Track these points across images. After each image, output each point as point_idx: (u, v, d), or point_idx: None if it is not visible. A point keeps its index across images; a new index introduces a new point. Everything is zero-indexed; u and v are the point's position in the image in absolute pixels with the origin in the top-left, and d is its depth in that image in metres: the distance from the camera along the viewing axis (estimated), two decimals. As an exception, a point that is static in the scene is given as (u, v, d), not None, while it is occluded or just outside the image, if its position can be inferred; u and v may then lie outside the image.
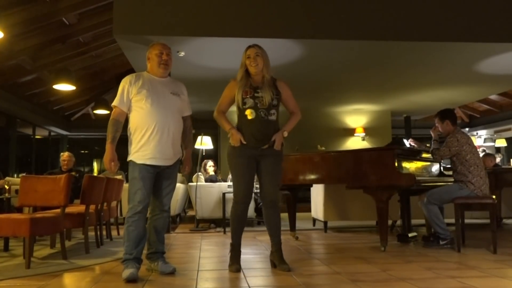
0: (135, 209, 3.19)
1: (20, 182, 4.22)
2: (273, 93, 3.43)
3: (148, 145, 3.21)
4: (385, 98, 10.15)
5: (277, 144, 3.40)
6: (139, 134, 3.23)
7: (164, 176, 3.35)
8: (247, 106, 3.38)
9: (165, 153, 3.28)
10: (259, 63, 3.44)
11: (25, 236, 3.67)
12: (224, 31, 5.78)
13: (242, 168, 3.40)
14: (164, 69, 3.38)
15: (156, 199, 3.38)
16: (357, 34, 5.96)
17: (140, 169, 3.20)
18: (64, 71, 7.75)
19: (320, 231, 6.10)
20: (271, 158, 3.42)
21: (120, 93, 3.29)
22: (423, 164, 4.99)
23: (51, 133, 13.03)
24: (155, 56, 3.37)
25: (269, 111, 3.40)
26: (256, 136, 3.37)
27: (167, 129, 3.27)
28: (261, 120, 3.37)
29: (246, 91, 3.40)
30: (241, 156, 3.39)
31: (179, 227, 6.78)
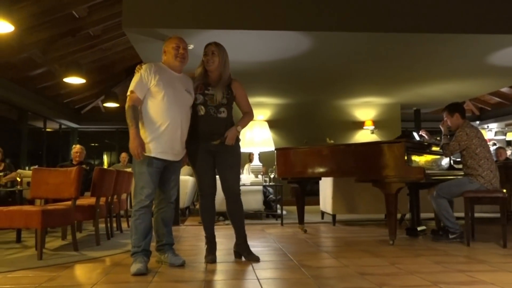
0: (142, 203, 3.21)
1: (31, 174, 4.27)
2: (224, 92, 3.48)
3: (161, 140, 3.22)
4: (394, 91, 10.08)
5: (229, 139, 3.45)
6: (152, 127, 3.23)
7: (170, 170, 3.37)
8: (197, 103, 3.44)
9: (175, 149, 3.31)
10: (215, 61, 3.48)
11: (37, 228, 3.71)
12: (233, 23, 5.77)
13: (200, 162, 3.47)
14: (180, 62, 3.38)
15: (163, 192, 3.40)
16: (366, 26, 5.91)
17: (148, 163, 3.21)
18: (74, 64, 7.80)
19: (328, 224, 6.10)
20: (226, 153, 3.48)
21: (138, 79, 3.25)
22: (433, 157, 4.96)
23: (61, 126, 13.13)
24: (172, 49, 3.37)
25: (218, 108, 3.45)
26: (205, 131, 3.43)
27: (180, 127, 3.29)
28: (210, 117, 3.43)
29: (197, 86, 3.47)
30: (198, 152, 3.46)
31: (188, 220, 6.82)
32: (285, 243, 4.52)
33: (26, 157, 10.85)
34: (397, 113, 11.62)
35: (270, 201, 7.22)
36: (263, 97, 10.49)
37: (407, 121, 12.23)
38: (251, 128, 7.45)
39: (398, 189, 4.25)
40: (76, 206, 4.18)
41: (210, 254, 3.52)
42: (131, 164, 3.48)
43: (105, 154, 15.53)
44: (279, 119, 11.22)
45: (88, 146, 14.69)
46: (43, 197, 4.39)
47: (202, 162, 3.47)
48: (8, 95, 9.19)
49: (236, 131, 3.48)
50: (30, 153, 11.47)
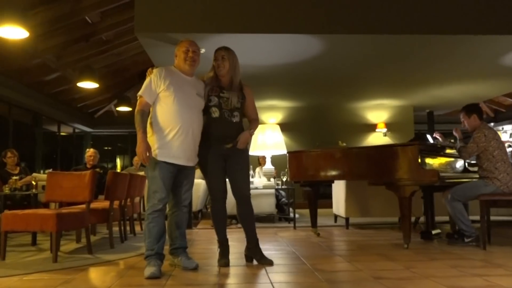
0: (155, 207, 3.22)
1: (46, 178, 4.31)
2: (239, 96, 3.50)
3: (172, 144, 3.23)
4: (407, 93, 10.00)
5: (241, 143, 3.46)
6: (163, 132, 3.24)
7: (184, 174, 3.38)
8: (212, 104, 3.44)
9: (188, 153, 3.32)
10: (225, 65, 3.49)
11: (52, 231, 3.75)
12: (244, 27, 5.78)
13: (212, 166, 3.47)
14: (190, 65, 3.39)
15: (176, 196, 3.41)
16: (377, 28, 5.88)
17: (161, 168, 3.22)
18: (87, 69, 7.87)
19: (341, 228, 6.07)
20: (236, 156, 3.49)
21: (148, 84, 3.29)
22: (447, 160, 4.91)
23: (75, 130, 13.26)
24: (182, 53, 3.39)
25: (232, 112, 3.46)
26: (218, 135, 3.44)
27: (191, 131, 3.30)
28: (225, 120, 3.44)
29: (212, 88, 3.48)
30: (209, 156, 3.46)
31: (200, 223, 6.83)
32: (298, 246, 4.50)
33: (40, 160, 10.98)
34: (410, 116, 11.53)
35: (283, 204, 7.21)
36: (274, 100, 10.48)
37: (420, 124, 12.13)
38: (263, 131, 7.45)
39: (412, 192, 4.21)
40: (90, 209, 4.21)
41: (223, 257, 3.52)
42: (144, 167, 3.50)
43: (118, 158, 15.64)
44: (291, 122, 11.20)
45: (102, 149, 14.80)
46: (57, 200, 4.43)
47: (213, 166, 3.47)
48: (23, 99, 9.32)
49: (249, 135, 3.50)
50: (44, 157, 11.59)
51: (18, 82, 8.88)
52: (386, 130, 11.37)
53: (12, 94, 8.84)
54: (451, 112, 12.33)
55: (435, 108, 11.97)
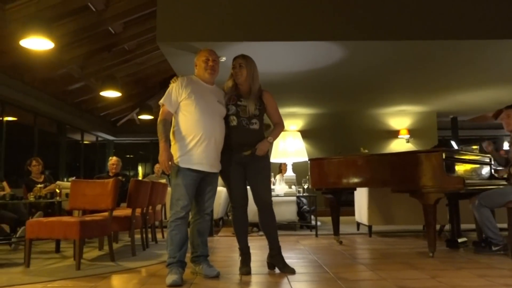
0: (178, 215, 3.24)
1: (70, 186, 4.37)
2: (257, 104, 3.50)
3: (195, 151, 3.26)
4: (430, 99, 9.87)
5: (260, 150, 3.45)
6: (186, 140, 3.27)
7: (207, 182, 3.39)
8: (230, 113, 3.46)
9: (211, 160, 3.33)
10: (243, 73, 3.51)
11: (75, 238, 3.79)
12: (265, 35, 5.80)
13: (231, 173, 3.47)
14: (210, 74, 3.43)
15: (198, 204, 3.42)
16: (399, 34, 5.83)
17: (184, 175, 3.24)
18: (110, 78, 8.00)
19: (364, 236, 5.99)
20: (257, 164, 3.49)
21: (169, 93, 3.34)
22: (472, 166, 4.81)
23: (98, 139, 13.46)
24: (202, 62, 3.44)
25: (250, 120, 3.47)
26: (237, 143, 3.44)
27: (214, 138, 3.32)
28: (243, 128, 3.44)
29: (230, 97, 3.50)
30: (229, 163, 3.46)
31: (222, 231, 6.83)
32: (320, 254, 4.45)
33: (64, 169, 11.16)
34: (433, 122, 11.37)
35: (304, 212, 7.16)
36: (295, 107, 10.46)
37: (443, 130, 11.94)
38: (284, 138, 7.43)
39: (436, 200, 4.14)
40: (112, 217, 4.24)
41: (244, 265, 3.50)
42: (165, 175, 3.53)
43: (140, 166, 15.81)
44: (312, 129, 11.16)
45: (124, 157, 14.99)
46: (81, 208, 4.48)
47: (234, 174, 3.48)
48: (48, 109, 9.51)
49: (268, 142, 3.49)
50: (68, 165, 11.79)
51: (43, 92, 9.07)
52: (409, 136, 11.23)
53: (37, 104, 9.03)
54: (476, 118, 12.10)
55: (459, 114, 11.77)
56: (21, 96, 8.41)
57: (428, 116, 11.33)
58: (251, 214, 3.62)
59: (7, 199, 4.78)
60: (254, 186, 3.51)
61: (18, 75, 8.07)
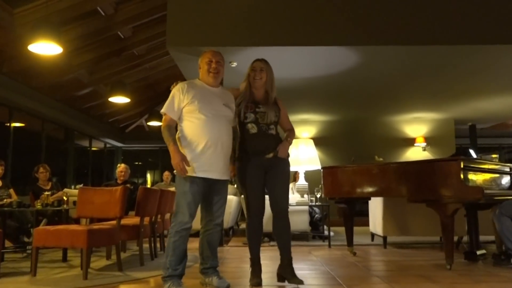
0: (185, 225, 3.18)
1: (78, 194, 4.41)
2: (276, 111, 3.53)
3: (201, 158, 3.22)
4: (447, 106, 9.80)
5: (282, 152, 3.46)
6: (191, 146, 3.24)
7: (215, 190, 3.35)
8: (248, 121, 3.46)
9: (218, 166, 3.30)
10: (263, 77, 3.51)
11: (82, 247, 3.81)
12: (277, 40, 5.82)
13: (251, 180, 3.45)
14: (214, 77, 3.40)
15: (209, 214, 3.38)
16: (416, 39, 5.81)
17: (191, 183, 3.20)
18: (119, 83, 8.07)
19: (379, 247, 5.95)
20: (278, 168, 3.49)
21: (170, 101, 3.33)
22: (492, 176, 4.76)
23: (106, 145, 13.57)
24: (205, 64, 3.42)
25: (269, 126, 3.48)
26: (258, 148, 3.44)
27: (220, 143, 3.29)
28: (263, 133, 3.45)
29: (247, 105, 3.48)
30: (248, 168, 3.44)
31: (232, 240, 6.82)
32: (334, 266, 4.43)
33: (72, 175, 11.26)
34: (451, 129, 11.28)
35: (317, 221, 7.13)
36: (308, 114, 10.45)
37: (461, 137, 11.85)
38: (296, 146, 7.42)
39: (454, 210, 4.10)
40: (121, 225, 4.27)
41: (255, 277, 3.48)
42: (174, 183, 3.51)
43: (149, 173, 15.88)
44: (325, 136, 11.13)
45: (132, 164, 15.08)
46: (88, 216, 4.51)
47: (253, 180, 3.46)
48: (56, 115, 9.62)
49: (288, 143, 3.52)
50: (76, 172, 11.90)
51: (51, 98, 9.18)
52: (426, 144, 11.16)
53: (45, 110, 9.14)
54: (495, 126, 11.99)
55: (478, 121, 11.67)
56: (29, 102, 8.53)
57: (446, 124, 11.25)
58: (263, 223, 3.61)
59: (14, 207, 4.83)
60: (272, 191, 3.50)
61: (26, 80, 8.19)
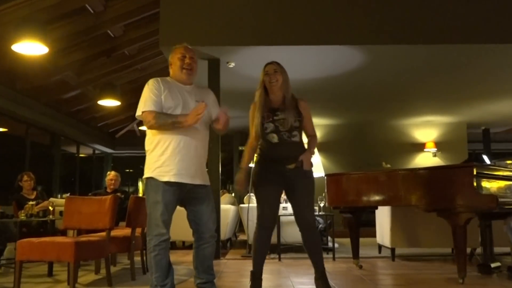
0: (162, 237, 3.11)
1: (64, 203, 4.41)
2: (295, 115, 3.51)
3: (173, 160, 3.12)
4: (459, 109, 9.84)
5: (307, 164, 3.47)
6: (161, 148, 3.15)
7: (197, 199, 3.26)
8: (269, 131, 3.48)
9: (191, 170, 3.18)
10: (279, 79, 3.53)
11: (69, 261, 3.80)
12: (277, 39, 5.85)
13: (267, 188, 3.46)
14: (188, 74, 3.32)
15: (200, 226, 3.28)
16: (425, 37, 5.84)
17: (163, 191, 3.11)
18: (109, 85, 8.08)
19: (386, 259, 5.95)
20: (302, 180, 3.49)
21: (147, 96, 3.21)
22: (506, 183, 4.77)
23: (95, 151, 13.57)
24: (177, 60, 3.33)
25: (291, 132, 3.49)
26: (280, 156, 3.45)
27: (194, 144, 3.20)
28: (285, 142, 3.46)
29: (264, 116, 3.49)
30: (267, 176, 3.46)
31: (229, 253, 6.82)
32: (338, 280, 4.43)
33: (58, 184, 11.24)
34: (463, 134, 11.31)
35: (320, 232, 7.13)
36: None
37: (474, 142, 11.88)
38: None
39: (467, 220, 4.11)
40: (110, 237, 4.27)
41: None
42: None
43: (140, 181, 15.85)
44: (329, 141, 11.14)
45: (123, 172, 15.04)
46: (76, 227, 4.51)
47: (269, 188, 3.47)
48: (41, 119, 9.61)
49: (310, 154, 3.52)
50: (62, 180, 11.89)
51: (36, 101, 9.18)
52: (436, 150, 11.19)
53: (29, 114, 9.14)
54: (511, 130, 12.02)
55: (492, 125, 11.70)
56: (12, 105, 8.52)
57: (457, 128, 11.28)
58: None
59: (-4, 218, 4.83)
60: (297, 205, 3.51)
61: (9, 82, 8.19)
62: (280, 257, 5.92)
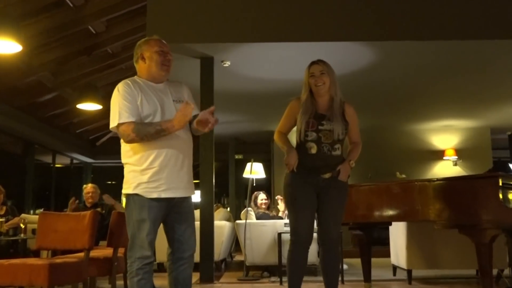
0: (145, 260, 3.04)
1: (38, 220, 4.38)
2: (343, 126, 3.53)
3: (162, 174, 3.06)
4: (483, 111, 9.85)
5: (343, 175, 3.49)
6: (145, 161, 3.08)
7: (181, 213, 3.18)
8: (309, 139, 3.48)
9: (184, 181, 3.15)
10: (326, 82, 3.52)
11: (43, 285, 3.77)
12: (277, 35, 5.85)
13: (302, 200, 3.46)
14: (167, 71, 3.25)
15: (180, 244, 3.19)
16: (444, 32, 5.84)
17: (149, 208, 3.04)
18: (89, 87, 8.07)
19: (402, 283, 5.93)
20: (334, 191, 3.50)
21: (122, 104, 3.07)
22: (537, 196, 4.76)
23: (73, 161, 13.54)
24: (156, 55, 3.19)
25: (333, 145, 3.50)
26: (315, 167, 3.48)
27: (181, 151, 3.14)
28: (323, 155, 3.48)
29: (309, 122, 3.50)
30: (301, 186, 3.46)
31: (224, 276, 6.78)
32: (348, 306, 4.41)
33: (31, 198, 11.20)
34: (487, 139, 11.33)
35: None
36: (315, 122, 10.47)
37: (499, 149, 11.90)
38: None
39: (492, 237, 4.09)
40: (89, 258, 4.23)
41: None
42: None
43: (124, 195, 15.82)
44: (336, 149, 11.14)
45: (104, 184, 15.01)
46: (50, 247, 4.48)
47: (304, 200, 3.48)
48: (13, 125, 9.59)
49: (349, 166, 3.54)
50: (36, 194, 11.85)
51: (8, 105, 9.15)
52: (457, 158, 11.20)
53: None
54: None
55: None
56: (-20, 110, 8.52)
57: (480, 133, 11.30)
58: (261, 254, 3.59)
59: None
60: (324, 218, 3.53)
61: (-22, 84, 8.19)
62: (281, 280, 5.89)
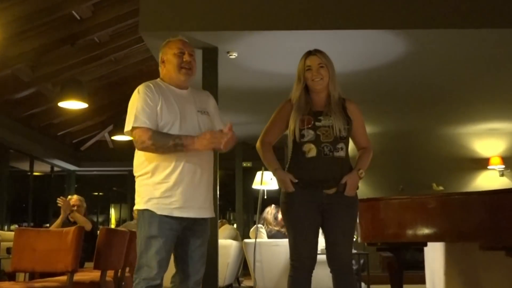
0: (151, 281, 3.11)
1: (13, 237, 4.40)
2: (344, 121, 3.51)
3: (175, 190, 3.15)
4: (535, 113, 9.82)
5: (350, 189, 3.47)
6: (160, 175, 3.16)
7: (195, 234, 3.28)
8: (306, 140, 3.47)
9: (199, 200, 3.24)
10: (324, 76, 3.52)
11: (19, 313, 3.81)
12: (294, 23, 5.84)
13: (302, 220, 3.47)
14: (186, 74, 3.31)
15: (187, 267, 3.28)
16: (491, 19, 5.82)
17: (161, 225, 3.13)
18: (73, 83, 8.09)
19: (439, 313, 5.91)
20: (341, 208, 3.49)
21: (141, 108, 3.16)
22: None
23: (54, 169, 13.58)
24: (174, 57, 3.31)
25: (335, 145, 3.47)
26: (316, 178, 3.45)
27: (200, 166, 3.22)
28: (324, 158, 3.45)
29: (304, 119, 3.49)
30: (301, 202, 3.46)
31: (230, 303, 6.79)
32: None
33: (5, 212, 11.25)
34: (540, 146, 11.30)
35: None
36: (336, 124, 10.46)
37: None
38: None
39: (547, 261, 4.08)
40: (73, 282, 4.25)
41: None
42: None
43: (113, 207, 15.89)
44: (360, 156, 11.12)
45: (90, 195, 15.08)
46: (28, 269, 4.50)
47: (305, 220, 3.48)
48: (-16, 126, 9.64)
49: (358, 177, 3.52)
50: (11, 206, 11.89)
51: (-22, 103, 9.22)
52: (504, 167, 11.14)
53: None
54: None
55: None
56: None
57: (532, 138, 11.27)
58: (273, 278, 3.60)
59: None
60: (332, 238, 3.53)
61: None
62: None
